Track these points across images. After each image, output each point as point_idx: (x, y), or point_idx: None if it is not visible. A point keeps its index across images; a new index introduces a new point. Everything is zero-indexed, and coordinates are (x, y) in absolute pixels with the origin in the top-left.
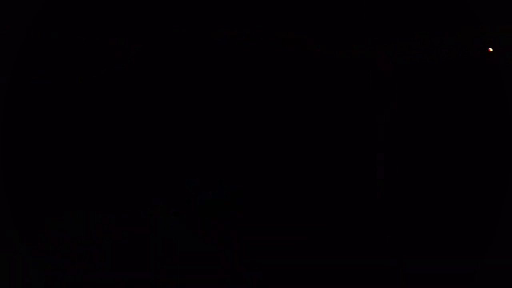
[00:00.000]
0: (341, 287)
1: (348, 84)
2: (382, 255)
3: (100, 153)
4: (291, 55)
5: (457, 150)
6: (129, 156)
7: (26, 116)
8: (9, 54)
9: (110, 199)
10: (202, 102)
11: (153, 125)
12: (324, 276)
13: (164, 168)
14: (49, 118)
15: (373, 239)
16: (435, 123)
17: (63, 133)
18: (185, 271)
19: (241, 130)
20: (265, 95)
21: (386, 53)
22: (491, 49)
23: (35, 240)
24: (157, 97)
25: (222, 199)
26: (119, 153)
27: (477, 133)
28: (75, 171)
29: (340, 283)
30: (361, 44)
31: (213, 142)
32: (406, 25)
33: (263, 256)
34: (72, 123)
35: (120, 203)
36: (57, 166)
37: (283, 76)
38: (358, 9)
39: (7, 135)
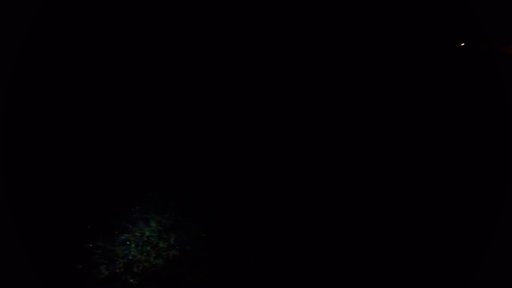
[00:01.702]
0: (341, 286)
1: (348, 84)
2: (382, 255)
3: (100, 153)
4: (291, 55)
5: (457, 150)
6: (129, 155)
7: (26, 116)
8: (9, 54)
9: (109, 199)
10: (202, 101)
11: (153, 124)
12: (324, 276)
13: (164, 167)
14: (49, 118)
15: (373, 239)
16: (435, 123)
17: (63, 133)
18: (185, 270)
19: (242, 130)
20: (265, 95)
21: (386, 53)
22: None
23: (35, 240)
24: (157, 97)
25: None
26: (119, 153)
27: (478, 133)
28: (75, 172)
29: (339, 283)
30: (361, 44)
31: (214, 141)
32: (406, 25)
33: (263, 256)
34: (72, 123)
35: (120, 202)
36: (57, 167)
37: (283, 76)
38: (358, 10)
39: (7, 135)
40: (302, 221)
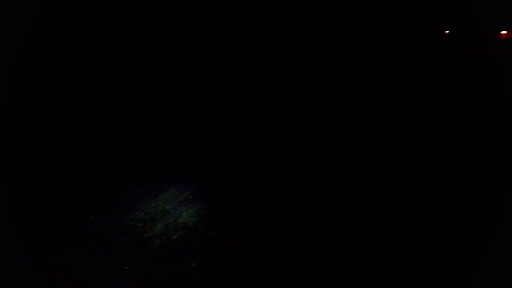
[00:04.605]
0: (341, 286)
1: (348, 84)
2: (382, 255)
3: (99, 153)
4: (291, 55)
5: (457, 149)
6: (129, 155)
7: (26, 116)
8: (9, 54)
9: (110, 199)
10: (202, 101)
11: (153, 124)
12: (324, 276)
13: (164, 167)
14: (49, 118)
15: (373, 239)
16: (435, 123)
17: (63, 133)
18: (186, 270)
19: (242, 130)
20: (264, 95)
21: (386, 53)
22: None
23: (35, 240)
24: (157, 97)
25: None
26: (119, 153)
27: (477, 133)
28: (75, 172)
29: (340, 283)
30: (361, 44)
31: (214, 141)
32: (406, 25)
33: (263, 256)
34: (72, 123)
35: (119, 202)
36: (57, 167)
37: (283, 76)
38: (358, 10)
39: (7, 135)
40: (302, 221)
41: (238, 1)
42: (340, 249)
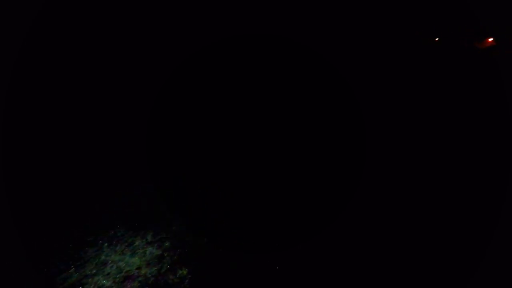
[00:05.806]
0: (341, 286)
1: (348, 84)
2: (382, 255)
3: (100, 153)
4: (291, 55)
5: (457, 150)
6: (129, 155)
7: (26, 116)
8: (9, 54)
9: (108, 199)
10: (201, 101)
11: (153, 124)
12: (324, 276)
13: (163, 167)
14: (49, 118)
15: (373, 239)
16: (435, 123)
17: (63, 133)
18: (186, 270)
19: (242, 130)
20: (265, 95)
21: (386, 53)
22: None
23: (35, 240)
24: (157, 97)
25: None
26: (118, 153)
27: (477, 133)
28: (75, 172)
29: (340, 283)
30: (361, 44)
31: (214, 141)
32: (405, 25)
33: (263, 256)
34: (72, 123)
35: (119, 202)
36: (57, 167)
37: (283, 76)
38: (358, 10)
39: (7, 135)
40: (302, 221)
41: (238, 1)
42: (340, 249)
